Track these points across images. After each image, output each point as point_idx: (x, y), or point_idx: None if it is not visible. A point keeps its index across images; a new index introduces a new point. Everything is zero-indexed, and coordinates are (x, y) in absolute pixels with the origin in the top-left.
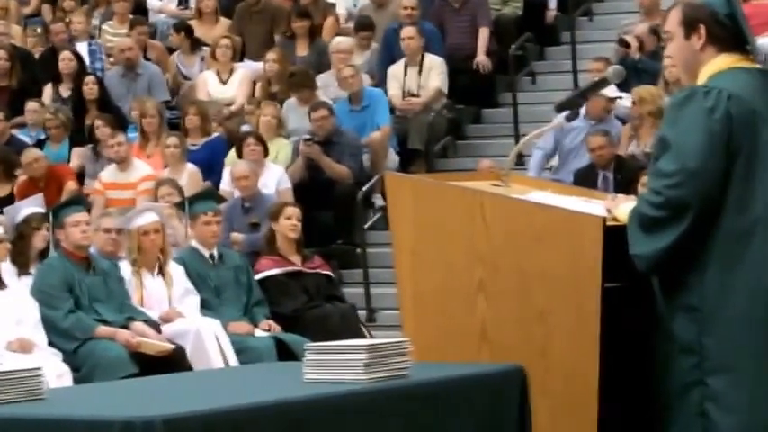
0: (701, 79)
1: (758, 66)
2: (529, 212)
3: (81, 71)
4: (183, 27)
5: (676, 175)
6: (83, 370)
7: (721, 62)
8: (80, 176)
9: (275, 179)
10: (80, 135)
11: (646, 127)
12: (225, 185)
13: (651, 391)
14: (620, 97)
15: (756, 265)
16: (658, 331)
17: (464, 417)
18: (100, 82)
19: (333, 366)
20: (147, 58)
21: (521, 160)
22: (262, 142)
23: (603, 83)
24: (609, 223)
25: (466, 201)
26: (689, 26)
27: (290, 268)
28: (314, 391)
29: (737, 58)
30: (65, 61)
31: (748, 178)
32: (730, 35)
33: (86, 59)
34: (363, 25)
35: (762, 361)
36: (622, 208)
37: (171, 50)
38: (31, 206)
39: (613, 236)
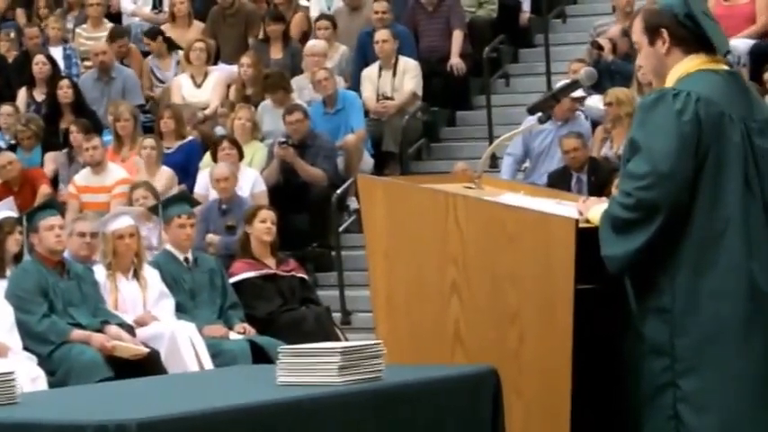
0: (670, 81)
1: (726, 67)
2: (501, 214)
3: (55, 75)
4: (156, 33)
5: (647, 177)
6: (58, 374)
7: (689, 64)
8: (54, 182)
9: (250, 182)
10: (55, 139)
11: (620, 129)
12: (200, 188)
13: (624, 392)
14: (585, 97)
15: (727, 267)
16: (630, 333)
17: (438, 418)
18: (75, 86)
19: (306, 369)
20: (122, 62)
21: (494, 162)
22: (236, 146)
23: (575, 85)
24: (581, 225)
25: (438, 203)
26: (651, 32)
27: (264, 271)
28: (287, 394)
29: (705, 60)
30: (38, 66)
31: (718, 180)
32: (693, 35)
33: (61, 64)
34: (323, 16)
35: (733, 362)
36: (594, 210)
37: (145, 54)
38: (3, 210)
39: (586, 238)
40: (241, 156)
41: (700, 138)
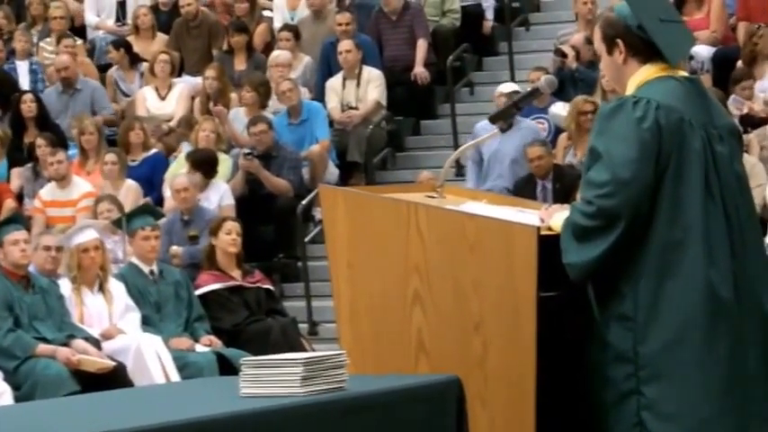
0: (630, 89)
1: (685, 73)
2: (463, 223)
3: (13, 90)
4: (121, 43)
5: (607, 185)
6: (24, 388)
7: (647, 72)
8: (19, 197)
9: (219, 195)
10: (19, 154)
11: (584, 136)
12: (168, 200)
13: (588, 400)
14: (518, 92)
15: (689, 274)
16: (594, 340)
17: (401, 429)
18: (38, 100)
19: (269, 380)
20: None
21: (461, 171)
22: (205, 161)
23: (536, 93)
24: (543, 233)
25: (400, 212)
26: (609, 42)
27: (230, 283)
28: (250, 406)
29: (663, 67)
30: None
31: (679, 187)
32: (648, 45)
33: (27, 78)
34: (286, 27)
35: (696, 369)
36: (557, 217)
37: (110, 67)
38: None
39: (548, 245)
40: (214, 171)
41: (660, 145)
